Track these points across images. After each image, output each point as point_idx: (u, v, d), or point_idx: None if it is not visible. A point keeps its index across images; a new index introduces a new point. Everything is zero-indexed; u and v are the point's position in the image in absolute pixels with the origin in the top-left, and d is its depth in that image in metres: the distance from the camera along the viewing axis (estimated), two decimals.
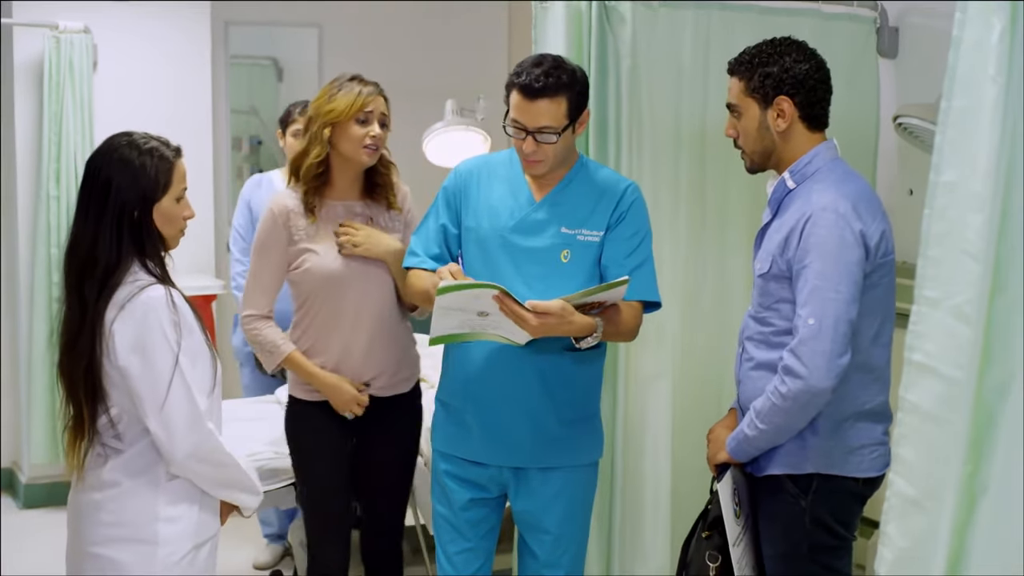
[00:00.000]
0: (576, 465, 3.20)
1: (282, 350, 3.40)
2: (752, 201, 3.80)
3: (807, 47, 2.91)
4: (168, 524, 2.65)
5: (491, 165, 3.25)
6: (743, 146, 2.96)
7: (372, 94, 3.35)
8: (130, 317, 2.57)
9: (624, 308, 3.08)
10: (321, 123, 3.32)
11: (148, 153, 2.65)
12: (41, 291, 5.43)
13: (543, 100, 2.99)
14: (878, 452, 2.85)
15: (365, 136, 3.32)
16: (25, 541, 5.17)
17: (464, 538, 3.26)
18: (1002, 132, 2.07)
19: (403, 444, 3.54)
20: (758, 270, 2.91)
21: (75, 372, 2.63)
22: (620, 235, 3.12)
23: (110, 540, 2.65)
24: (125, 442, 2.65)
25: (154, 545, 2.63)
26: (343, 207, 3.40)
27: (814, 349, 2.69)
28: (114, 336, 2.57)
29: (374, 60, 6.34)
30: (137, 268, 2.63)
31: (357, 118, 3.31)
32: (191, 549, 2.68)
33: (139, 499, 2.64)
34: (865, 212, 2.76)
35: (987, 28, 2.08)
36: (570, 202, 3.13)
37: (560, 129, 3.02)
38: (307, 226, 3.36)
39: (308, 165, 3.34)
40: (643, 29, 3.62)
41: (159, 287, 2.61)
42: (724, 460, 2.96)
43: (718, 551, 2.96)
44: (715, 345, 3.86)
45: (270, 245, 3.38)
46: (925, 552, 2.19)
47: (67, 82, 5.41)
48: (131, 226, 2.63)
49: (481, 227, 3.17)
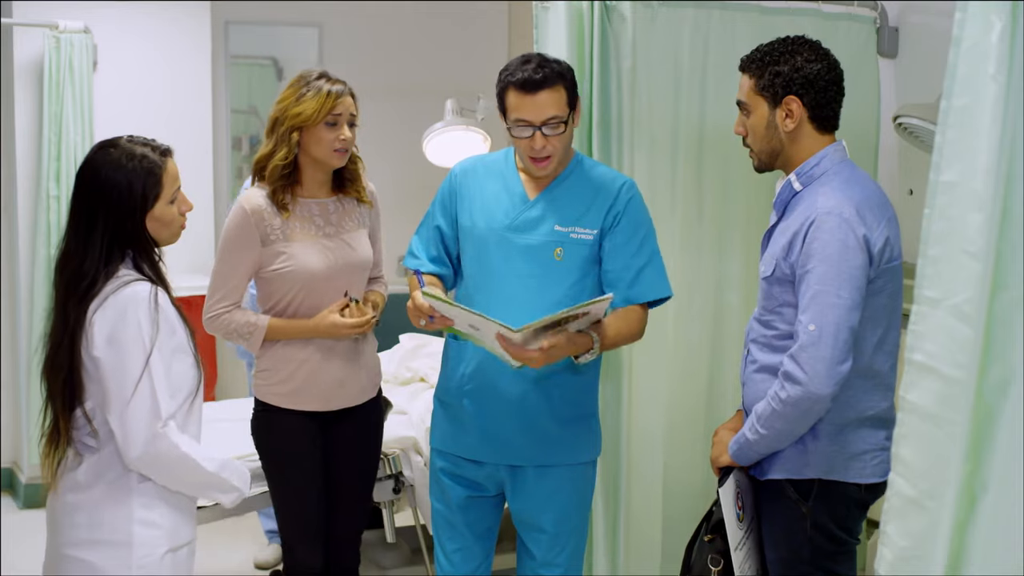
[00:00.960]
0: (572, 464, 3.20)
1: (260, 325, 3.29)
2: (750, 201, 3.81)
3: (820, 47, 2.87)
4: (143, 527, 2.63)
5: (486, 164, 3.25)
6: (751, 145, 2.94)
7: (341, 94, 3.26)
8: (111, 309, 2.57)
9: (624, 315, 3.08)
10: (289, 126, 3.23)
11: (136, 165, 2.62)
12: (41, 291, 5.42)
13: (544, 91, 3.00)
14: (880, 458, 2.82)
15: (335, 140, 3.25)
16: (25, 541, 5.17)
17: (461, 536, 3.26)
18: (1002, 131, 2.06)
19: (367, 453, 3.48)
20: (762, 273, 2.89)
21: (55, 377, 2.63)
22: (621, 236, 3.11)
23: (85, 542, 2.64)
24: (100, 439, 2.64)
25: (128, 547, 2.62)
26: (316, 205, 3.34)
27: (814, 355, 2.67)
28: (93, 326, 2.57)
29: (374, 59, 6.37)
30: (128, 269, 2.62)
31: (326, 121, 3.23)
32: (166, 552, 2.66)
33: (113, 501, 2.63)
34: (870, 217, 2.74)
35: (987, 27, 2.07)
36: (564, 200, 3.13)
37: (565, 117, 3.03)
38: (282, 224, 3.27)
39: (274, 167, 3.26)
40: (643, 28, 3.63)
41: (145, 284, 2.60)
42: (727, 463, 2.94)
43: (720, 555, 2.94)
44: (710, 345, 3.87)
45: (242, 245, 3.27)
46: (925, 551, 2.19)
47: (67, 82, 5.41)
48: (123, 238, 2.62)
49: (477, 226, 3.17)
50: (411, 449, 3.98)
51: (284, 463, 3.38)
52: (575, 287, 3.11)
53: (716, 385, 3.88)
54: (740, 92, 2.93)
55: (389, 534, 4.02)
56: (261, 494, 3.80)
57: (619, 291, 3.10)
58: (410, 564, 4.30)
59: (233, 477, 2.78)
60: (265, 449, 3.41)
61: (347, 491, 3.45)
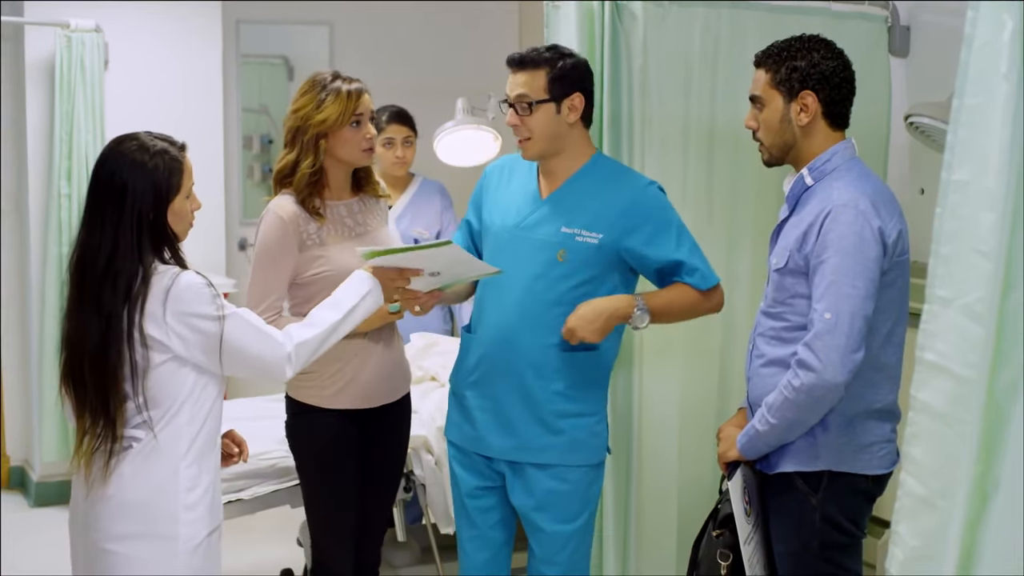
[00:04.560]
0: (572, 466, 3.18)
1: None
2: (760, 198, 3.81)
3: (835, 46, 2.92)
4: (187, 511, 2.65)
5: (515, 163, 3.29)
6: (762, 139, 2.96)
7: (361, 93, 3.26)
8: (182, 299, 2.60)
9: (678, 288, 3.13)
10: (314, 134, 3.22)
11: (159, 155, 2.63)
12: (52, 290, 5.44)
13: (522, 72, 3.09)
14: (886, 450, 2.86)
15: (362, 139, 3.26)
16: (37, 539, 5.19)
17: (473, 525, 3.29)
18: (1014, 129, 2.06)
19: (398, 451, 3.49)
20: (774, 265, 2.91)
21: (101, 379, 2.60)
22: (650, 237, 3.10)
23: (130, 536, 2.63)
24: (154, 429, 2.63)
25: (175, 539, 2.63)
26: (344, 207, 3.35)
27: (829, 344, 2.70)
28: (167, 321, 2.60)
29: (384, 58, 6.39)
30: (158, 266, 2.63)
31: (351, 122, 3.23)
32: (207, 536, 2.68)
33: (161, 492, 2.64)
34: (884, 210, 2.77)
35: (999, 26, 2.07)
36: (574, 201, 3.14)
37: (535, 100, 3.07)
38: (317, 230, 3.26)
39: (301, 175, 3.23)
40: (654, 27, 3.63)
41: (191, 272, 2.64)
42: (734, 458, 2.96)
43: (729, 550, 2.95)
44: (721, 342, 3.87)
45: (282, 253, 3.23)
46: (936, 551, 2.19)
47: (78, 81, 5.43)
48: (149, 230, 2.62)
49: (494, 223, 3.22)
50: (422, 448, 3.98)
51: (326, 465, 3.34)
52: (577, 289, 3.11)
53: (727, 383, 3.87)
54: (754, 87, 2.95)
55: (400, 533, 4.02)
56: (287, 489, 3.83)
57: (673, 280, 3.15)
58: (421, 563, 4.30)
59: (352, 295, 2.89)
60: (305, 451, 3.37)
61: (378, 490, 3.46)
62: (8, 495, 5.81)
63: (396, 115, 4.68)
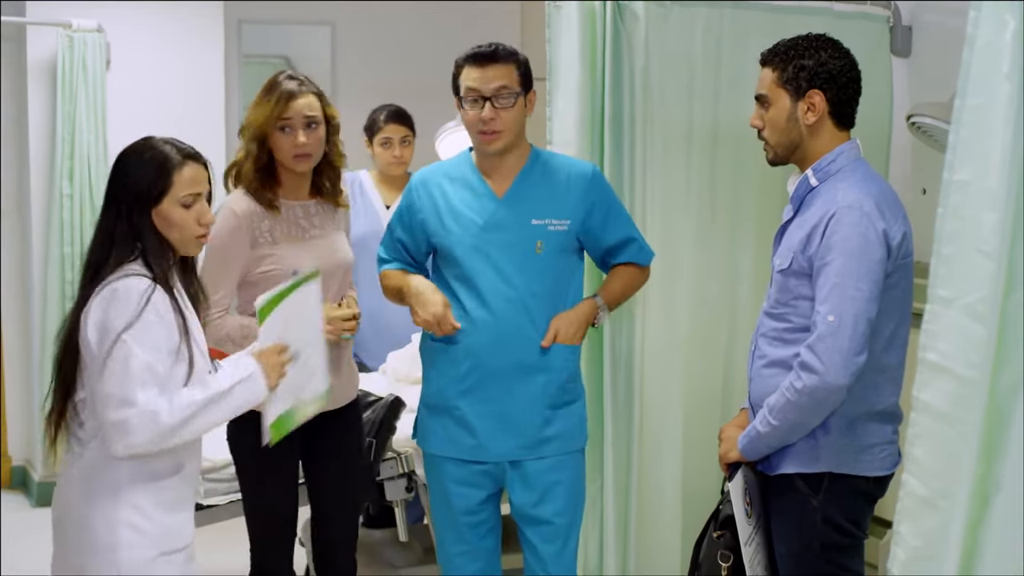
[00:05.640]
0: (568, 452, 3.24)
1: (255, 327, 3.13)
2: (763, 198, 3.81)
3: (842, 46, 2.91)
4: (131, 530, 2.55)
5: (445, 170, 3.28)
6: (767, 137, 2.95)
7: (293, 97, 3.21)
8: (104, 297, 2.52)
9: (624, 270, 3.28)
10: (249, 135, 3.22)
11: (153, 155, 2.60)
12: (54, 289, 5.45)
13: (496, 65, 3.11)
14: (888, 451, 2.85)
15: (292, 145, 3.21)
16: (38, 539, 5.15)
17: (463, 540, 3.27)
18: (1015, 129, 2.06)
19: (349, 457, 3.47)
20: (777, 266, 2.91)
21: (56, 364, 2.60)
22: (605, 217, 3.23)
23: (74, 544, 2.60)
24: (87, 432, 2.57)
25: (114, 551, 2.54)
26: (300, 208, 3.32)
27: (832, 346, 2.69)
28: (89, 313, 2.53)
29: (386, 58, 6.39)
30: (139, 266, 2.58)
31: (277, 127, 3.20)
32: (158, 555, 2.58)
33: (98, 500, 2.55)
34: (888, 212, 2.77)
35: (1001, 26, 2.08)
36: (534, 193, 3.19)
37: (516, 90, 3.11)
38: (270, 227, 3.24)
39: (246, 171, 3.24)
40: (656, 27, 3.63)
41: (144, 280, 2.54)
42: (736, 459, 2.96)
43: (730, 551, 2.95)
44: (723, 342, 3.87)
45: (234, 249, 3.21)
46: (938, 551, 2.19)
47: (80, 81, 5.43)
48: (127, 227, 2.59)
49: (452, 234, 3.18)
50: None
51: (262, 468, 3.32)
52: (559, 278, 3.19)
53: (730, 381, 3.87)
54: (760, 85, 2.94)
55: (402, 533, 4.02)
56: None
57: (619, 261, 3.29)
58: (422, 563, 4.30)
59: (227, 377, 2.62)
60: (243, 453, 3.35)
61: (332, 495, 3.45)
62: (9, 495, 5.81)
63: (394, 114, 4.67)
